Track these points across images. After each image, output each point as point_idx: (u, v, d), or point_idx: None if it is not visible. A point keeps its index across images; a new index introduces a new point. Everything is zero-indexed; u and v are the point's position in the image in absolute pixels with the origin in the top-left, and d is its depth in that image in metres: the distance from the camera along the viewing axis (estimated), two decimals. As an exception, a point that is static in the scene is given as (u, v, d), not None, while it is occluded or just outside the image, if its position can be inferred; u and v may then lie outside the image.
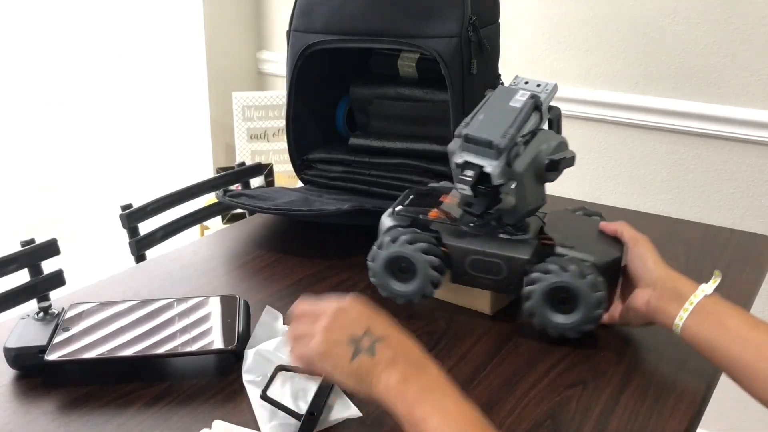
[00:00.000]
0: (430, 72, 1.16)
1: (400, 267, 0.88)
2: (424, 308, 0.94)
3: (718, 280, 0.77)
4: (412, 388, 0.59)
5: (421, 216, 0.90)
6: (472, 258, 0.86)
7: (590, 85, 1.86)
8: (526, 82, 0.89)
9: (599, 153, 1.89)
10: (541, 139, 0.84)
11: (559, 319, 0.83)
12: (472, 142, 0.83)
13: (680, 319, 0.76)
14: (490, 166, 0.82)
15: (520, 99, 0.85)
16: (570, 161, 0.85)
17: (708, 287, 0.76)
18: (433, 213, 0.91)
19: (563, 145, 0.85)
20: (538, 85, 0.88)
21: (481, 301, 0.93)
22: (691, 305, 0.75)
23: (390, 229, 0.90)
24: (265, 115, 2.40)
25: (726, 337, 0.73)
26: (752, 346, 0.71)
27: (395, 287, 0.89)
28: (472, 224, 0.89)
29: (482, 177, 0.83)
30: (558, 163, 0.83)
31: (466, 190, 0.84)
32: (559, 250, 0.85)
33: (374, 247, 0.89)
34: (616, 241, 0.88)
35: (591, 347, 0.86)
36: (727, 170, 1.73)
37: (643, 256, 0.83)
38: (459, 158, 0.84)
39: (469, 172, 0.83)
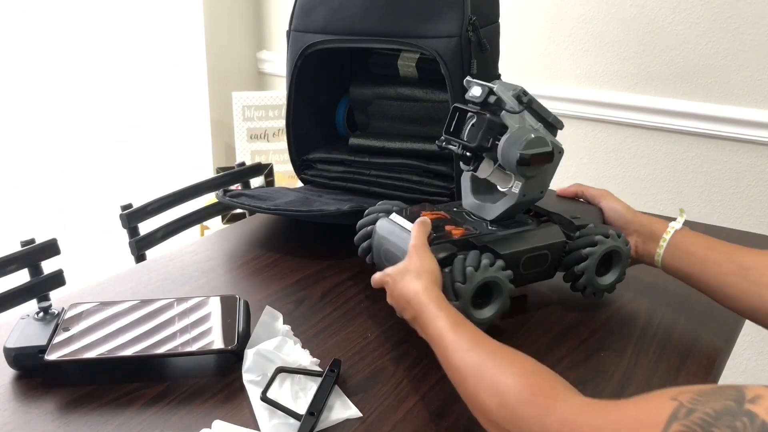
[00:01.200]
0: (430, 72, 1.16)
1: (478, 294, 0.83)
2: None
3: (684, 216, 0.90)
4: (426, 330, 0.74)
5: (454, 238, 0.86)
6: (526, 257, 0.88)
7: (590, 85, 1.86)
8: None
9: (599, 153, 1.89)
10: None
11: (606, 280, 0.91)
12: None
13: (658, 255, 0.88)
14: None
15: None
16: None
17: (676, 224, 0.88)
18: (458, 231, 0.88)
19: None
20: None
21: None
22: (664, 242, 0.87)
23: (448, 259, 0.83)
24: (265, 115, 2.40)
25: (692, 261, 0.84)
26: (713, 265, 0.82)
27: (480, 316, 0.83)
28: (493, 228, 0.90)
29: None
30: None
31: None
32: (577, 223, 0.92)
33: (457, 285, 0.81)
34: (578, 200, 1.00)
35: (591, 347, 0.86)
36: (727, 170, 1.73)
37: (617, 209, 0.94)
38: None
39: None
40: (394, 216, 0.91)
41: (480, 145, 0.86)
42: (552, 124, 0.90)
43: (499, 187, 0.91)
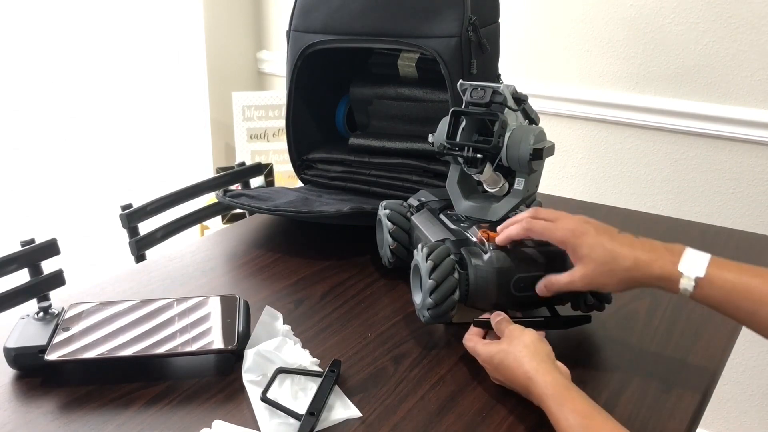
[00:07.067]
0: (430, 72, 1.16)
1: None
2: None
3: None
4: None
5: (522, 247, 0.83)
6: None
7: (590, 85, 1.86)
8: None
9: (599, 153, 1.89)
10: None
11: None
12: None
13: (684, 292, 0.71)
14: None
15: None
16: None
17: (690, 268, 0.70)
18: (493, 234, 0.84)
19: None
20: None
21: None
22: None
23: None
24: (265, 115, 2.40)
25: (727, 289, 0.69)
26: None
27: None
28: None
29: None
30: None
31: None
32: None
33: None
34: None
35: (591, 347, 0.86)
36: (727, 170, 1.73)
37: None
38: None
39: None
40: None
41: (495, 146, 0.86)
42: (533, 119, 0.91)
43: (488, 188, 0.91)
